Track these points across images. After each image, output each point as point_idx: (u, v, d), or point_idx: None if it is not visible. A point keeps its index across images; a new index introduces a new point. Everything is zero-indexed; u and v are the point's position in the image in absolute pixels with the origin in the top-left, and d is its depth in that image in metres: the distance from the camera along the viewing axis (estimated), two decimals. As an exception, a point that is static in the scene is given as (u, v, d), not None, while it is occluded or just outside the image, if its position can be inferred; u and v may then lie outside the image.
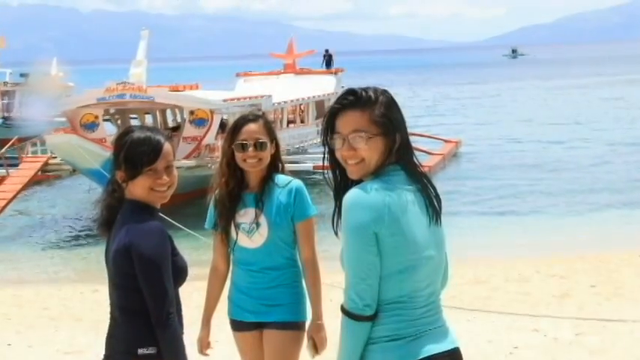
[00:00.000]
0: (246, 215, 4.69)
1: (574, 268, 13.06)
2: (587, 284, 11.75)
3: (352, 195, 3.13)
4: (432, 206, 3.23)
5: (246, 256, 4.73)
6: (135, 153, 3.63)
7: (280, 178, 4.74)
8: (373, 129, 3.18)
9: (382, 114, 3.20)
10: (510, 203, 22.30)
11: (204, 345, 4.85)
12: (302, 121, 29.78)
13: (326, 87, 30.80)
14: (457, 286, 11.24)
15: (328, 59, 37.66)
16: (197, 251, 14.65)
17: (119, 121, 26.29)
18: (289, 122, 28.98)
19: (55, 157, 24.95)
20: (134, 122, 26.13)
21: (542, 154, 31.86)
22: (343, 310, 3.16)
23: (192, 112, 23.86)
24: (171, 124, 27.69)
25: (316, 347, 4.72)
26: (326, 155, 3.33)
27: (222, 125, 22.97)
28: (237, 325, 4.82)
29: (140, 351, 3.60)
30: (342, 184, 3.30)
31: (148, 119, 27.02)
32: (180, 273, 3.70)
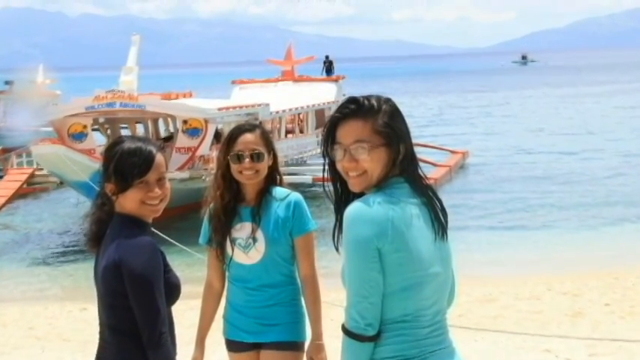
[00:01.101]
0: (242, 230, 4.69)
1: (587, 285, 13.05)
2: (601, 302, 11.75)
3: (354, 209, 3.13)
4: (438, 220, 3.23)
5: (242, 272, 4.72)
6: (125, 164, 3.63)
7: (278, 191, 4.74)
8: (376, 139, 3.19)
9: (385, 124, 3.21)
10: (520, 217, 22.30)
11: (198, 366, 4.84)
12: (301, 131, 29.81)
13: (326, 95, 30.83)
14: (464, 305, 11.24)
15: (329, 66, 37.73)
16: (191, 268, 14.65)
17: (109, 131, 26.30)
18: (288, 132, 29.00)
19: (42, 169, 24.96)
20: (124, 132, 26.17)
21: (553, 165, 31.88)
22: (344, 330, 3.15)
23: (185, 122, 23.87)
24: (163, 134, 27.71)
25: (316, 369, 4.72)
26: (326, 167, 3.34)
27: (217, 135, 22.99)
28: (233, 346, 4.82)
29: (131, 373, 3.60)
30: (343, 197, 3.30)
31: (139, 129, 27.04)
32: (172, 291, 3.70)
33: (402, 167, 3.23)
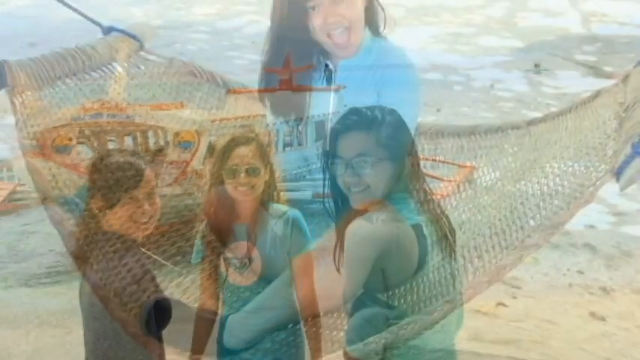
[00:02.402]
0: (236, 249, 4.67)
1: (607, 306, 13.02)
2: (623, 325, 11.71)
3: (356, 227, 3.13)
4: (445, 239, 3.23)
5: (237, 294, 4.71)
6: (113, 179, 3.63)
7: (275, 208, 4.73)
8: (379, 153, 3.19)
9: (389, 136, 3.21)
10: (533, 235, 22.26)
11: (190, 395, 4.83)
12: (300, 144, 29.83)
13: (326, 105, 30.84)
14: (474, 328, 11.20)
15: (329, 74, 37.77)
16: (182, 289, 14.64)
17: (95, 144, 26.31)
18: (286, 145, 29.01)
19: (24, 184, 24.92)
20: (112, 145, 26.15)
21: (567, 180, 31.85)
22: (346, 356, 3.15)
23: (176, 134, 23.71)
24: (153, 146, 27.72)
25: (316, 398, 4.70)
26: (327, 182, 3.34)
27: (211, 148, 22.98)
28: (227, 372, 4.80)
29: (118, 403, 3.59)
30: (345, 214, 3.30)
31: (128, 141, 27.05)
32: (163, 314, 3.69)
33: (407, 182, 3.22)
